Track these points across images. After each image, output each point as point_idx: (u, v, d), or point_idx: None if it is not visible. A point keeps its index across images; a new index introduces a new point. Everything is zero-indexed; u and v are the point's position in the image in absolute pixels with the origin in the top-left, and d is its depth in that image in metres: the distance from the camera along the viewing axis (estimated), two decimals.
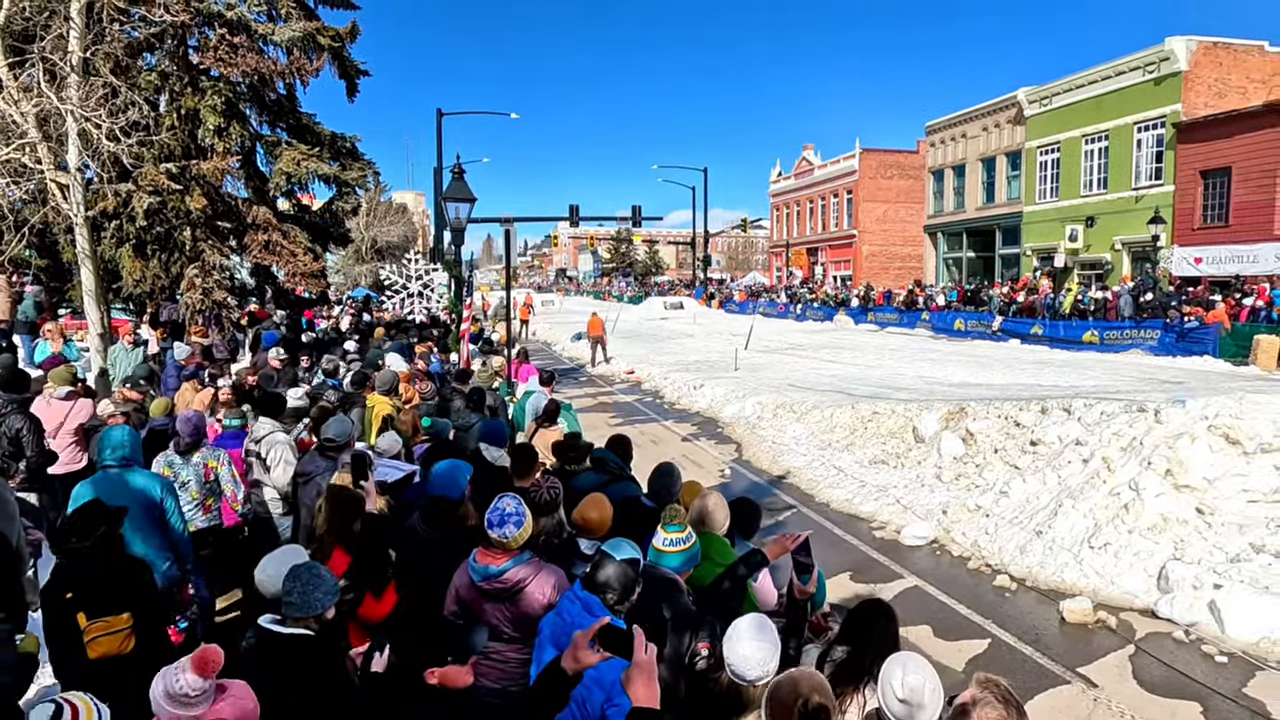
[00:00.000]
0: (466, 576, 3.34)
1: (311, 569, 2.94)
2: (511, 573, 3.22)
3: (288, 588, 2.85)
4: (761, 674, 2.34)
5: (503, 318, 14.83)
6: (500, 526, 3.20)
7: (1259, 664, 5.57)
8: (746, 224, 54.45)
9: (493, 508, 3.26)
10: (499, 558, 3.23)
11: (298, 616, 2.83)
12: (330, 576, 2.98)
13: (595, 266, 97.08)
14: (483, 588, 3.26)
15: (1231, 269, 24.29)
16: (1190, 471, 7.41)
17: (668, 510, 3.32)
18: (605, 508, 3.72)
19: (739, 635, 2.40)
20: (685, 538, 3.31)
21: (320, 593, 2.87)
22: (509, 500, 3.28)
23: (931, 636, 6.21)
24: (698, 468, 11.41)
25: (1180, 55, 26.28)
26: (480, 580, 3.24)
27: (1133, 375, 16.71)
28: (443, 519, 3.82)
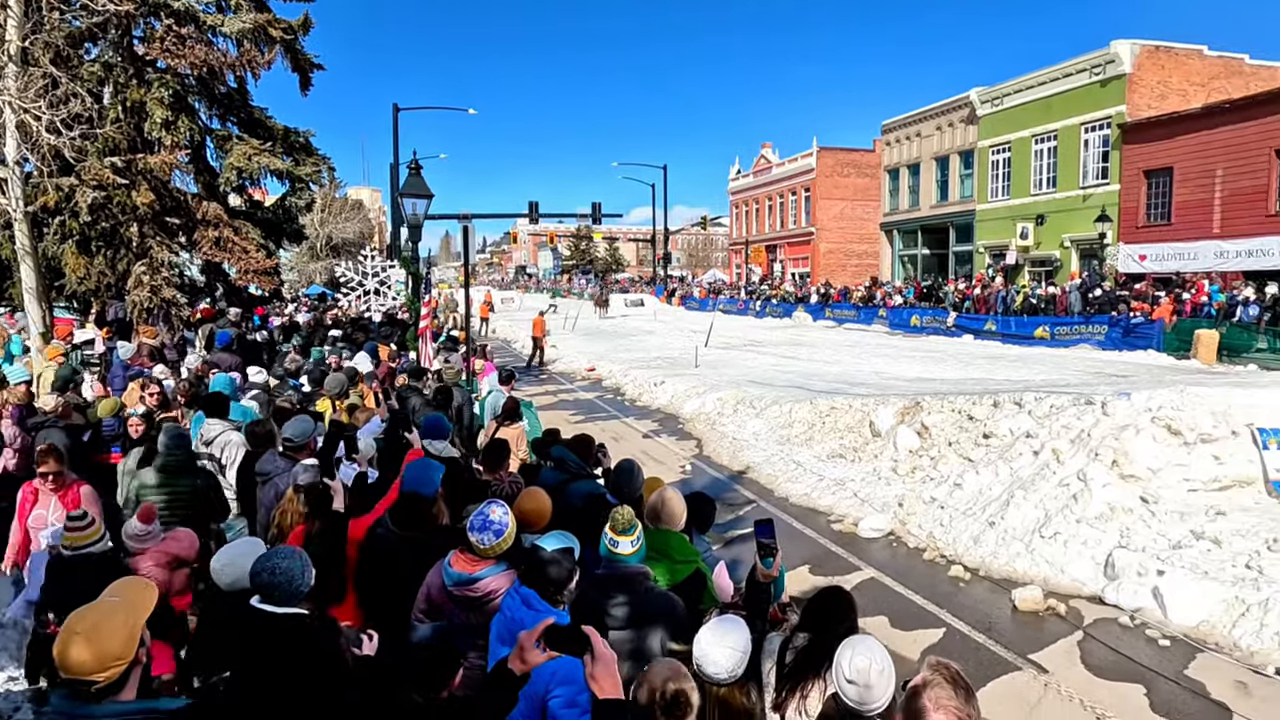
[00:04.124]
0: (439, 578, 3.28)
1: (280, 553, 2.83)
2: (484, 582, 3.15)
3: (264, 579, 2.71)
4: (729, 674, 2.38)
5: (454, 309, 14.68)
6: (480, 531, 3.13)
7: (1199, 646, 5.77)
8: (706, 221, 54.71)
9: (478, 512, 3.20)
10: (475, 564, 3.16)
11: (283, 597, 2.73)
12: (300, 552, 2.89)
13: (555, 264, 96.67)
14: (453, 593, 3.19)
15: (1173, 266, 25.09)
16: (1135, 462, 7.64)
17: (614, 514, 3.30)
18: (541, 500, 3.71)
19: (707, 635, 2.44)
20: (637, 538, 3.31)
21: (299, 569, 2.75)
22: (496, 508, 3.21)
23: (888, 627, 6.31)
24: (658, 464, 11.43)
25: (1125, 58, 27.04)
26: (451, 585, 3.17)
27: (1081, 369, 17.18)
28: (415, 517, 3.75)
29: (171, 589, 3.77)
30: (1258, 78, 27.56)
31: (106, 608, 2.11)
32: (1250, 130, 23.40)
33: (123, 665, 1.99)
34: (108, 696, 1.98)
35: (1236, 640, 5.72)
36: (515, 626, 2.70)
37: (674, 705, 2.11)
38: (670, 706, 2.11)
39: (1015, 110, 31.61)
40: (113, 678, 1.97)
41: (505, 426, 7.33)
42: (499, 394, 8.35)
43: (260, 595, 2.73)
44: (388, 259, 27.87)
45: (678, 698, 2.12)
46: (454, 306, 30.49)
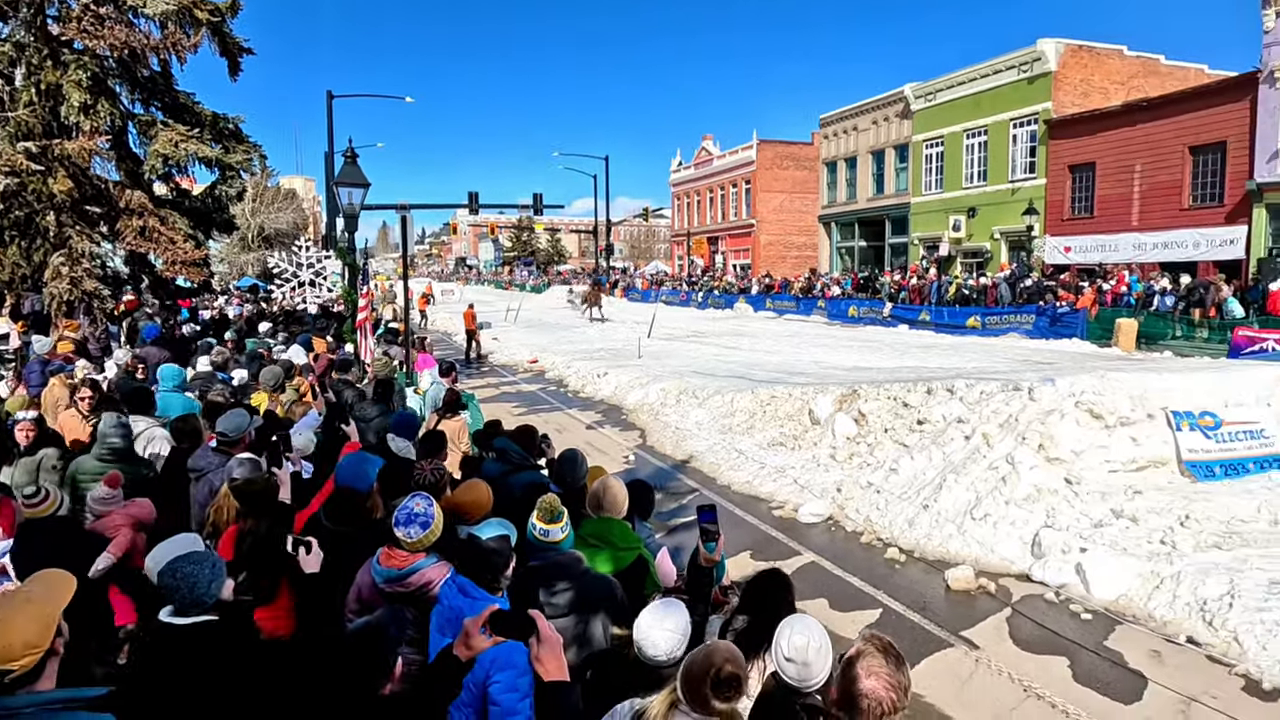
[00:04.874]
0: (369, 577, 3.21)
1: (187, 557, 2.71)
2: (416, 576, 3.09)
3: (167, 582, 2.62)
4: (668, 655, 2.41)
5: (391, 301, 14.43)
6: (405, 525, 3.07)
7: (1118, 619, 6.06)
8: (648, 213, 54.76)
9: (401, 506, 3.14)
10: (405, 559, 3.10)
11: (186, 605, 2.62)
12: (213, 556, 2.78)
13: (496, 255, 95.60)
14: (384, 590, 3.14)
15: (1096, 257, 26.14)
16: (1060, 445, 7.97)
17: (540, 503, 3.30)
18: (480, 491, 3.70)
19: (648, 619, 2.47)
20: (565, 524, 3.32)
21: (205, 577, 2.63)
22: (419, 500, 3.16)
23: (828, 609, 6.47)
24: (602, 455, 11.45)
25: (1050, 56, 27.99)
26: (382, 583, 3.12)
27: (1010, 357, 17.79)
28: (350, 512, 3.68)
29: (135, 549, 4.01)
30: (1173, 77, 28.83)
31: (18, 598, 2.08)
32: (1166, 128, 24.48)
33: (37, 654, 1.96)
34: (23, 687, 1.95)
35: (1152, 612, 6.03)
36: (454, 615, 2.69)
37: (725, 684, 2.17)
38: (721, 684, 2.17)
39: (947, 106, 32.45)
40: (27, 666, 1.94)
41: (447, 419, 7.25)
42: (440, 386, 8.25)
43: (166, 602, 2.65)
44: (323, 250, 27.18)
45: (732, 680, 2.18)
46: (392, 298, 29.95)
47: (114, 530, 4.07)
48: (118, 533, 4.04)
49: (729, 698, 2.13)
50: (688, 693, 2.15)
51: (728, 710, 2.15)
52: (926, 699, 5.15)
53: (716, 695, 2.12)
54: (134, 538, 4.10)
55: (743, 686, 2.16)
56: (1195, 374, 9.12)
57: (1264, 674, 5.12)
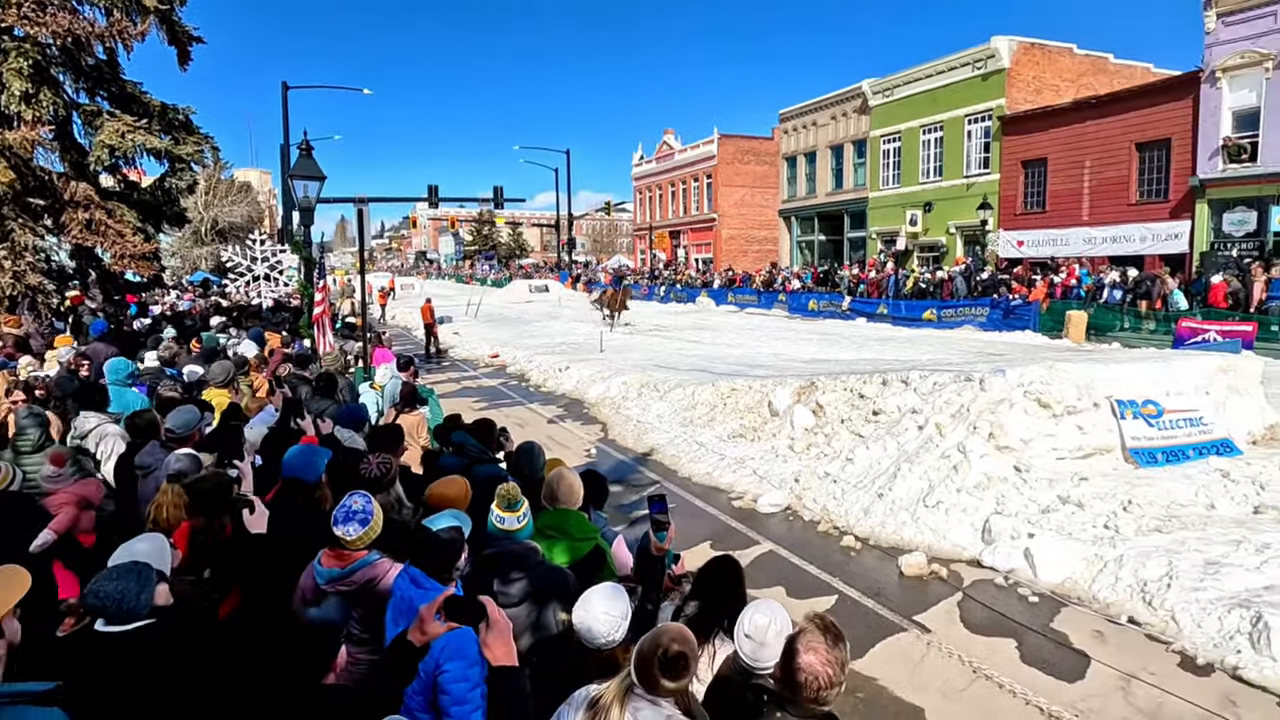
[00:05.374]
0: (312, 580, 3.18)
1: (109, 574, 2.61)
2: (358, 575, 3.08)
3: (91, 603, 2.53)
4: (606, 638, 2.46)
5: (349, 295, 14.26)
6: (344, 524, 3.04)
7: (1064, 601, 6.26)
8: (610, 207, 54.71)
9: (340, 505, 3.12)
10: (344, 558, 3.08)
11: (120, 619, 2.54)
12: (139, 565, 2.68)
13: (457, 249, 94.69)
14: (326, 591, 3.13)
15: (1048, 251, 26.77)
16: (1009, 434, 8.18)
17: (500, 491, 3.33)
18: (460, 484, 3.72)
19: (588, 603, 2.52)
20: (524, 514, 3.35)
21: (131, 591, 2.54)
22: (358, 497, 3.14)
23: (785, 596, 6.57)
24: (564, 448, 11.47)
25: (1004, 53, 28.55)
26: (325, 584, 3.09)
27: (964, 349, 18.16)
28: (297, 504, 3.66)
29: (79, 526, 4.10)
30: (1120, 76, 29.61)
31: None
32: (1114, 125, 25.15)
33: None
34: None
35: (1095, 593, 6.23)
36: (407, 605, 2.71)
37: (673, 663, 2.23)
38: (669, 663, 2.22)
39: (904, 102, 32.92)
40: None
41: (405, 414, 7.20)
42: (398, 381, 8.19)
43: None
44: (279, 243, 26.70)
45: (679, 659, 2.23)
46: (350, 292, 29.56)
47: (57, 508, 4.09)
48: (60, 510, 4.07)
49: (677, 676, 2.19)
50: (639, 674, 2.21)
51: (677, 689, 2.21)
52: (879, 681, 5.27)
53: (664, 674, 2.18)
54: (78, 515, 4.11)
55: (690, 665, 2.22)
56: (1139, 364, 9.41)
57: (1198, 650, 5.33)
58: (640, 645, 2.28)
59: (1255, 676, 5.00)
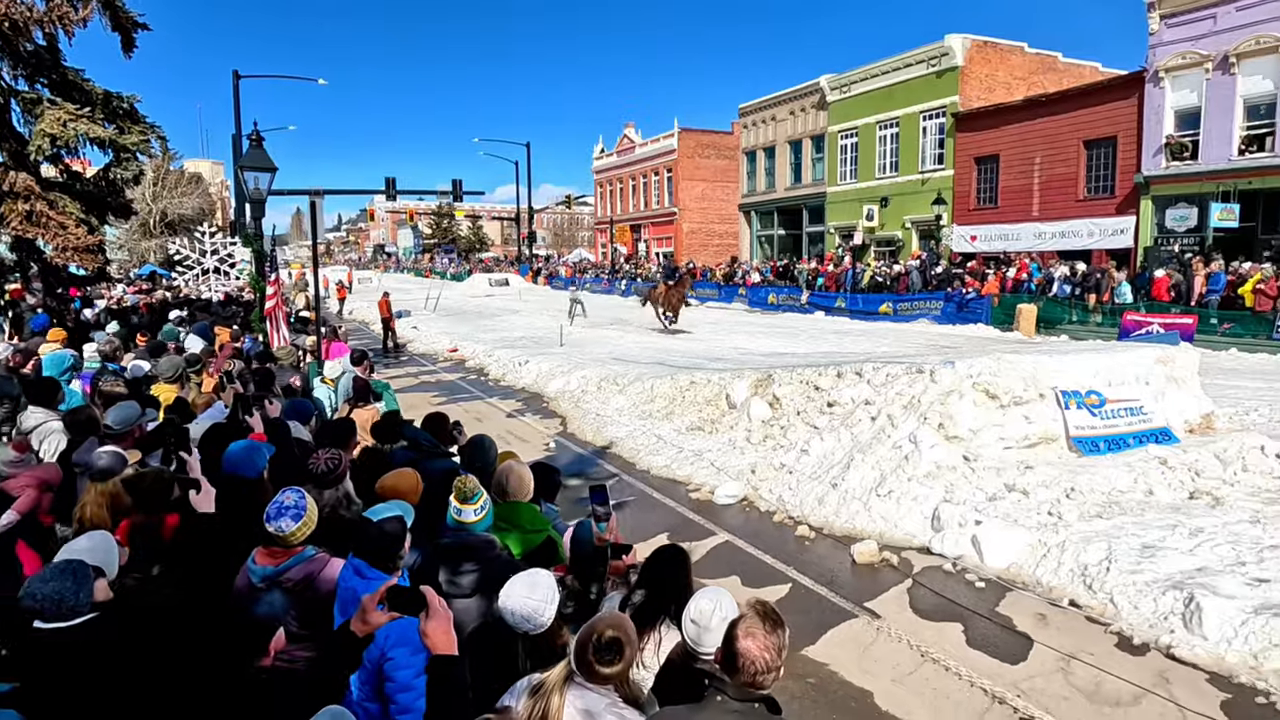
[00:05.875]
0: (246, 579, 3.14)
1: (41, 577, 2.56)
2: (293, 572, 3.05)
3: (29, 605, 2.48)
4: (526, 619, 2.50)
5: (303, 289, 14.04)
6: (276, 519, 3.01)
7: (1009, 586, 6.43)
8: (571, 200, 54.55)
9: (274, 500, 3.09)
10: (278, 556, 3.05)
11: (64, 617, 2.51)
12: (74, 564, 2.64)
13: (415, 242, 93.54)
14: (261, 590, 3.08)
15: (1000, 246, 27.36)
16: (958, 424, 8.36)
17: (457, 483, 3.34)
18: (411, 476, 3.71)
19: (508, 587, 2.55)
20: (482, 505, 3.36)
21: (69, 591, 2.50)
22: (290, 493, 3.11)
23: (740, 585, 6.66)
24: (522, 442, 11.44)
25: (957, 51, 29.05)
26: (259, 582, 3.05)
27: (919, 342, 18.50)
28: (237, 501, 3.60)
29: (40, 508, 4.25)
30: (1069, 74, 30.32)
31: None
32: (1063, 122, 25.75)
33: None
34: None
35: (1039, 578, 6.42)
36: (351, 596, 2.71)
37: (606, 648, 2.27)
38: (602, 648, 2.27)
39: (861, 98, 33.32)
40: None
41: (359, 408, 7.12)
42: (352, 375, 8.09)
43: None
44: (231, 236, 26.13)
45: (612, 644, 2.28)
46: (304, 286, 29.06)
47: (19, 490, 4.25)
48: (22, 492, 4.23)
49: (611, 662, 2.23)
50: (578, 661, 2.25)
51: (613, 675, 2.25)
52: (831, 667, 5.38)
53: (598, 659, 2.22)
54: (39, 497, 4.29)
55: (625, 651, 2.26)
56: (1083, 356, 9.67)
57: (1134, 631, 5.53)
58: (579, 633, 2.32)
59: (1187, 655, 5.20)
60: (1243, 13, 20.89)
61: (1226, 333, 18.17)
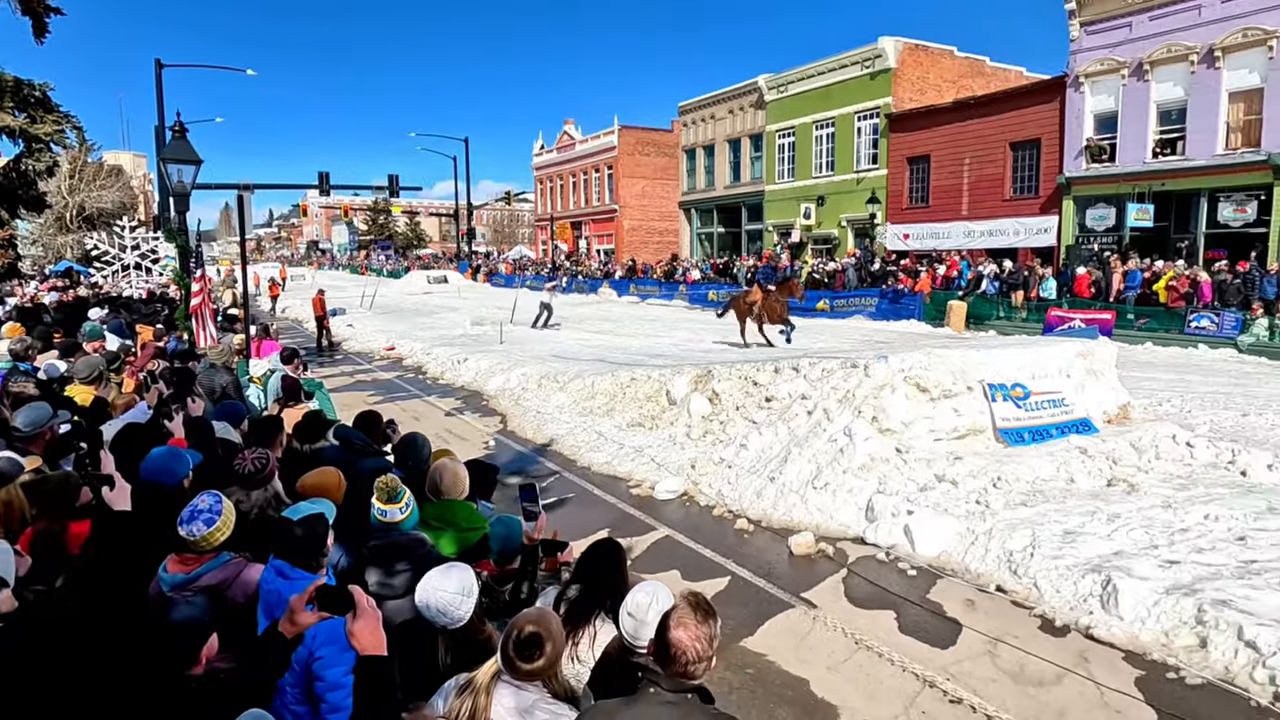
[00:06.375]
0: (158, 587, 3.03)
1: None
2: (206, 578, 2.95)
3: None
4: (440, 611, 2.48)
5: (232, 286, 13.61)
6: (187, 523, 2.90)
7: (939, 573, 6.62)
8: (510, 197, 54.03)
9: (190, 503, 2.99)
10: (190, 563, 2.94)
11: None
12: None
13: (351, 239, 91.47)
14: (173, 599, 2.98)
15: (931, 244, 28.12)
16: (891, 417, 8.57)
17: (378, 484, 3.29)
18: (333, 474, 3.63)
19: (425, 580, 2.53)
20: (406, 504, 3.32)
21: None
22: (206, 496, 3.01)
23: (680, 579, 6.70)
24: (462, 441, 11.31)
25: (890, 54, 29.73)
26: (170, 591, 2.94)
27: (854, 337, 18.91)
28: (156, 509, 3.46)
29: None
30: (996, 78, 31.32)
31: None
32: (991, 125, 26.60)
33: None
34: None
35: (967, 565, 6.63)
36: (276, 598, 2.64)
37: (526, 644, 2.28)
38: (522, 644, 2.27)
39: (798, 98, 33.84)
40: None
41: (289, 408, 6.94)
42: (282, 374, 7.87)
43: None
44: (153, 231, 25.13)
45: (532, 639, 2.28)
46: (233, 283, 28.17)
47: None
48: None
49: (531, 658, 2.24)
50: (503, 658, 2.25)
51: (535, 670, 2.24)
52: (768, 657, 5.46)
53: (518, 655, 2.23)
54: None
55: (545, 646, 2.26)
56: (1008, 350, 10.01)
57: (1056, 613, 5.75)
58: (506, 628, 2.31)
59: (1105, 634, 5.44)
60: (1155, 22, 21.89)
61: (1142, 327, 19.06)
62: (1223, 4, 20.54)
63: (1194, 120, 21.44)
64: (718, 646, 2.28)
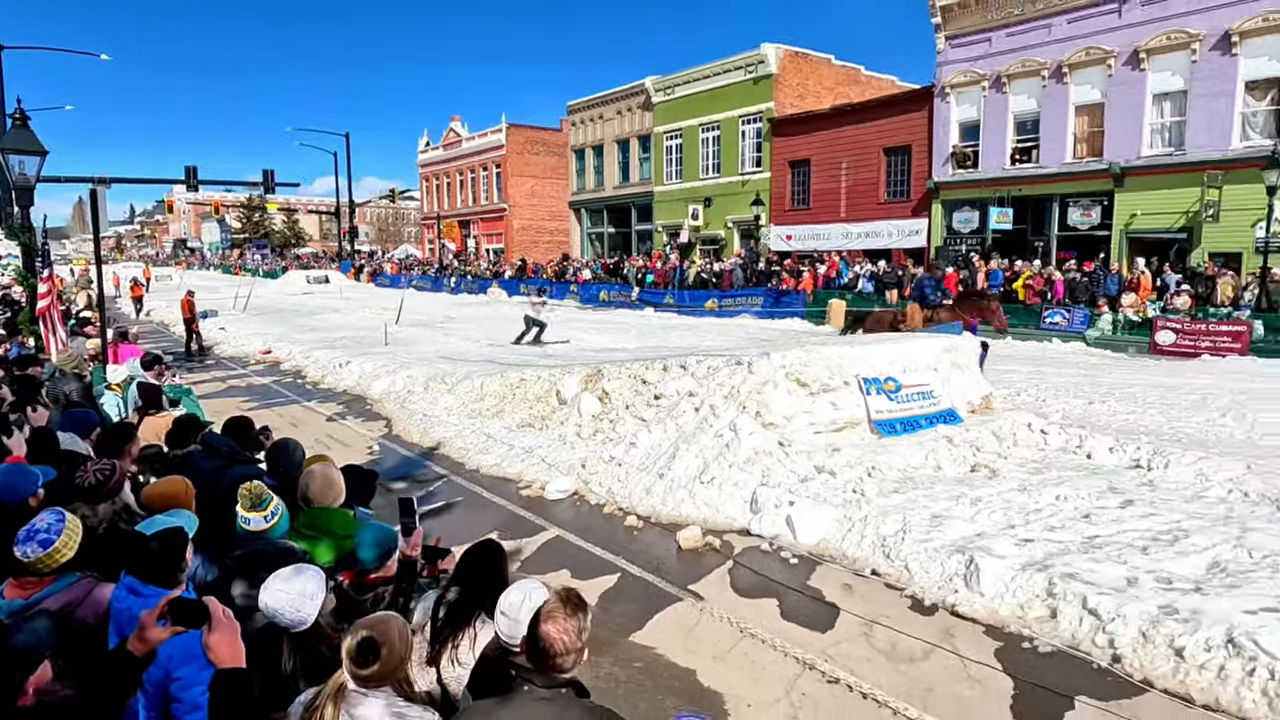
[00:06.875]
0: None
1: None
2: (48, 603, 2.77)
3: None
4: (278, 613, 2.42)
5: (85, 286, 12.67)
6: (22, 544, 2.71)
7: (819, 560, 6.90)
8: (395, 194, 52.60)
9: (27, 524, 2.79)
10: (29, 586, 2.75)
11: None
12: None
13: (223, 237, 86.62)
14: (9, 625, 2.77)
15: (812, 245, 29.19)
16: (774, 412, 8.86)
17: (240, 491, 3.16)
18: (180, 482, 3.45)
19: (270, 583, 2.46)
20: (272, 512, 3.20)
21: None
22: (47, 515, 2.82)
23: (570, 578, 6.71)
24: (344, 447, 10.93)
25: (771, 60, 30.66)
26: (5, 618, 2.73)
27: (740, 335, 19.40)
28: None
29: None
30: (871, 86, 32.81)
31: None
32: (866, 131, 27.84)
33: None
34: None
35: (845, 551, 6.93)
36: (128, 615, 2.49)
37: (359, 650, 2.20)
38: (356, 650, 2.20)
39: (685, 100, 34.42)
40: None
41: (150, 416, 6.52)
42: (142, 380, 7.39)
43: None
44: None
45: (364, 644, 2.20)
46: (87, 284, 26.19)
47: None
48: None
49: (366, 662, 2.19)
50: (345, 667, 2.20)
51: (373, 676, 2.19)
52: (657, 650, 5.54)
53: (353, 662, 2.19)
54: None
55: (381, 650, 2.22)
56: (882, 346, 10.52)
57: (925, 593, 6.10)
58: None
59: (968, 610, 5.81)
60: (1011, 38, 23.49)
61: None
62: (1069, 24, 22.27)
63: (1046, 130, 23.14)
64: (589, 639, 2.30)
